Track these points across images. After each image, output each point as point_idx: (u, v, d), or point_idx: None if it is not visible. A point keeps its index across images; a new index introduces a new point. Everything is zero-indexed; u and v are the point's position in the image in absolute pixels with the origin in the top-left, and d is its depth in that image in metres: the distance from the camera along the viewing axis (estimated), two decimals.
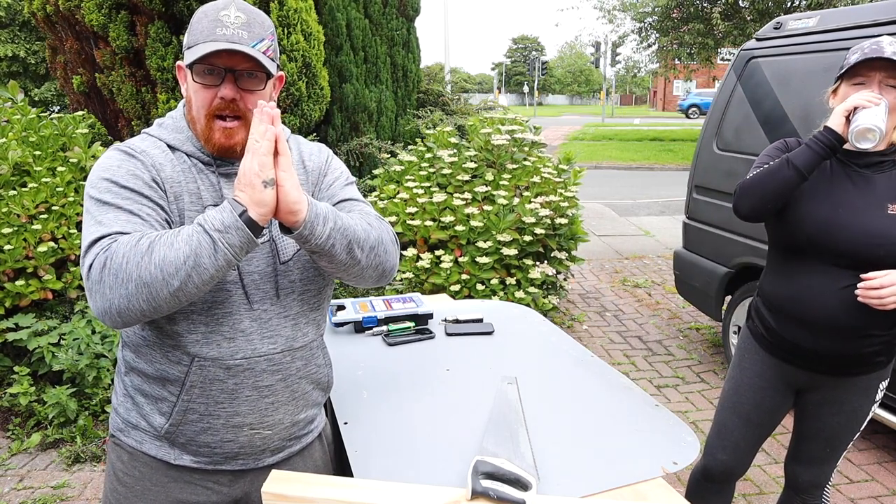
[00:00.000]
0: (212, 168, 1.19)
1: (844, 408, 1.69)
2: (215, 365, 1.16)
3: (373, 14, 6.42)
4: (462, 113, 7.33)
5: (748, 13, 12.90)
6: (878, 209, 1.53)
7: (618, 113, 45.33)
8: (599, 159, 15.05)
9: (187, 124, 1.20)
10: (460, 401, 1.58)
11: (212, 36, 1.09)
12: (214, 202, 1.17)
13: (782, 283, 1.68)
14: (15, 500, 2.61)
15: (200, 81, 1.12)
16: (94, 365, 3.10)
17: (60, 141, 3.55)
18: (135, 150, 1.15)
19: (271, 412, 1.23)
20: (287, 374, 1.24)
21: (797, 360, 1.71)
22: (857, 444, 3.04)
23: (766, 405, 1.80)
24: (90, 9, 4.24)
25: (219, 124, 1.14)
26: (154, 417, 1.21)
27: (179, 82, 1.22)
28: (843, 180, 1.59)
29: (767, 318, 1.74)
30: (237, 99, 1.12)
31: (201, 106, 1.14)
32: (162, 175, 1.14)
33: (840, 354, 1.63)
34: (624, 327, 4.68)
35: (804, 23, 3.32)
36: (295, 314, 1.24)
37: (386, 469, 1.30)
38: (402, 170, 4.44)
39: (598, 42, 32.54)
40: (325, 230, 1.08)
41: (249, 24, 1.12)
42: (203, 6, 1.15)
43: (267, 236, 1.21)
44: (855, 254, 1.54)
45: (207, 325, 1.15)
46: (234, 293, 1.16)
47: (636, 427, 1.46)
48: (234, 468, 1.26)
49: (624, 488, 1.24)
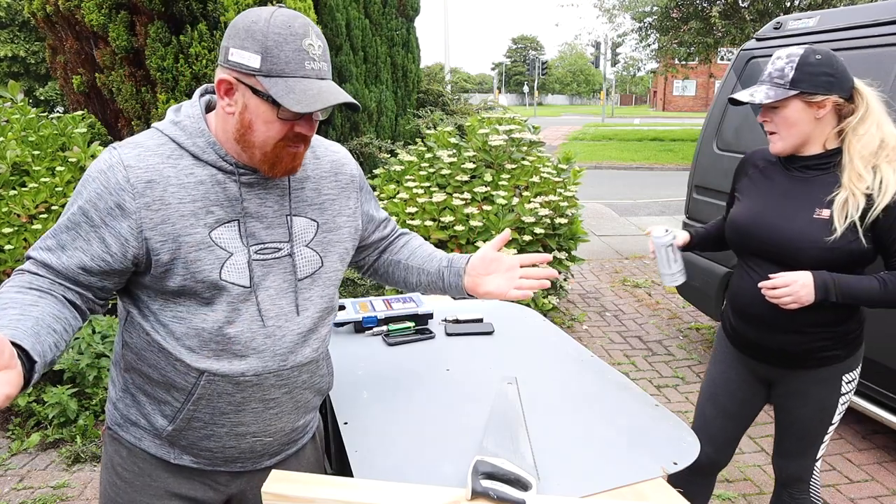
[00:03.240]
0: (234, 177, 1.12)
1: (810, 401, 1.72)
2: (225, 380, 1.14)
3: (372, 14, 6.42)
4: (462, 113, 7.33)
5: (748, 13, 12.89)
6: (805, 211, 1.57)
7: (618, 113, 45.34)
8: (599, 159, 15.05)
9: (207, 128, 1.11)
10: (460, 401, 1.58)
11: (301, 70, 1.03)
12: (230, 218, 1.11)
13: (733, 279, 1.78)
14: (15, 500, 2.61)
15: (284, 118, 1.05)
16: (94, 365, 3.10)
17: (60, 141, 3.55)
18: (122, 161, 1.06)
19: (275, 421, 1.23)
20: (293, 387, 1.23)
21: (752, 353, 1.79)
22: (856, 444, 3.04)
23: (738, 396, 1.86)
24: (90, 9, 4.24)
25: (290, 151, 1.09)
26: (156, 418, 1.19)
27: (219, 92, 1.08)
28: (782, 182, 1.65)
29: (728, 314, 1.83)
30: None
31: (274, 136, 1.07)
32: (143, 198, 1.04)
33: (781, 348, 1.69)
34: (624, 327, 4.68)
35: (804, 23, 3.32)
36: (307, 331, 1.21)
37: (386, 469, 1.30)
38: (402, 170, 4.44)
39: (597, 42, 32.54)
40: None
41: (325, 53, 1.07)
42: (276, 24, 1.02)
43: (286, 251, 1.18)
44: (776, 253, 1.60)
45: (218, 343, 1.12)
46: (245, 311, 1.13)
47: (636, 427, 1.46)
48: (232, 469, 1.26)
49: (624, 488, 1.24)
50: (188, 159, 1.10)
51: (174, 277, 1.08)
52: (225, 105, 1.09)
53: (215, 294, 1.10)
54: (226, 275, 1.10)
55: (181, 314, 1.11)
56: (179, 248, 1.07)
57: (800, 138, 1.56)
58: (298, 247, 1.19)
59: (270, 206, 1.16)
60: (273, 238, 1.16)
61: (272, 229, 1.16)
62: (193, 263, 1.08)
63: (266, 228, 1.15)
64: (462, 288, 1.42)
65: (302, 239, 1.20)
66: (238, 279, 1.12)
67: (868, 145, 1.50)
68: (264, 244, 1.15)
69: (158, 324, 1.13)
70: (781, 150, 1.60)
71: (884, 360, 2.71)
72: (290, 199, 1.18)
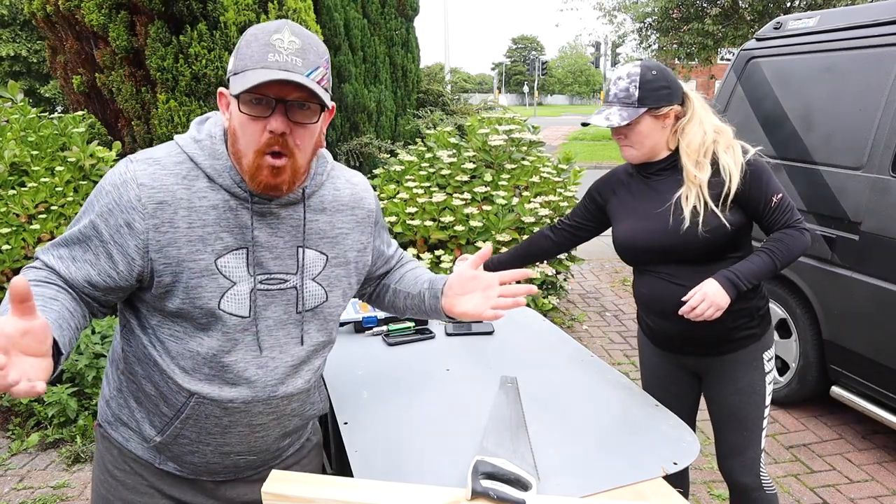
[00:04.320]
0: (246, 205, 1.09)
1: (739, 385, 1.78)
2: (214, 404, 1.14)
3: (371, 14, 6.42)
4: (462, 113, 7.33)
5: (747, 13, 12.89)
6: (672, 212, 1.69)
7: None
8: (599, 159, 15.05)
9: (227, 152, 1.09)
10: (460, 401, 1.58)
11: (263, 62, 0.99)
12: (238, 245, 1.09)
13: (640, 286, 1.84)
14: (15, 500, 2.61)
15: (248, 112, 1.01)
16: (93, 365, 3.10)
17: (60, 141, 3.55)
18: (136, 178, 1.04)
19: (259, 443, 1.23)
20: (281, 415, 1.22)
21: (678, 348, 1.85)
22: (856, 444, 3.05)
23: (673, 391, 1.91)
24: (90, 9, 4.24)
25: (268, 161, 1.03)
26: (145, 426, 1.19)
27: (220, 110, 1.10)
28: (644, 191, 1.78)
29: (645, 318, 1.89)
30: (287, 133, 1.02)
31: (250, 141, 1.03)
32: (152, 220, 1.03)
33: (704, 336, 1.76)
34: (624, 327, 4.67)
35: (804, 23, 3.32)
36: (300, 362, 1.20)
37: (386, 469, 1.30)
38: (401, 170, 4.44)
39: (598, 42, 32.55)
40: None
41: (304, 50, 1.02)
42: (253, 28, 1.04)
43: (292, 283, 1.15)
44: (668, 255, 1.71)
45: (212, 368, 1.12)
46: (241, 341, 1.12)
47: (636, 427, 1.46)
48: (215, 479, 1.26)
49: (624, 488, 1.24)
50: (203, 181, 1.08)
51: (173, 299, 1.07)
52: (225, 119, 1.09)
53: (212, 321, 1.10)
54: (225, 305, 1.09)
55: (178, 334, 1.11)
56: (182, 273, 1.06)
57: (652, 147, 1.71)
58: (305, 280, 1.17)
59: (281, 237, 1.14)
60: (280, 269, 1.14)
61: (281, 260, 1.14)
62: (194, 289, 1.07)
63: (275, 259, 1.13)
64: (440, 310, 1.34)
65: (309, 272, 1.18)
66: (237, 310, 1.10)
67: (692, 142, 1.67)
68: (271, 274, 1.13)
69: (156, 339, 1.13)
70: (637, 158, 1.74)
71: (884, 360, 2.71)
72: (304, 230, 1.16)
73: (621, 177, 1.88)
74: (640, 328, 1.98)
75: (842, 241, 2.91)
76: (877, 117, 2.79)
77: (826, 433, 3.15)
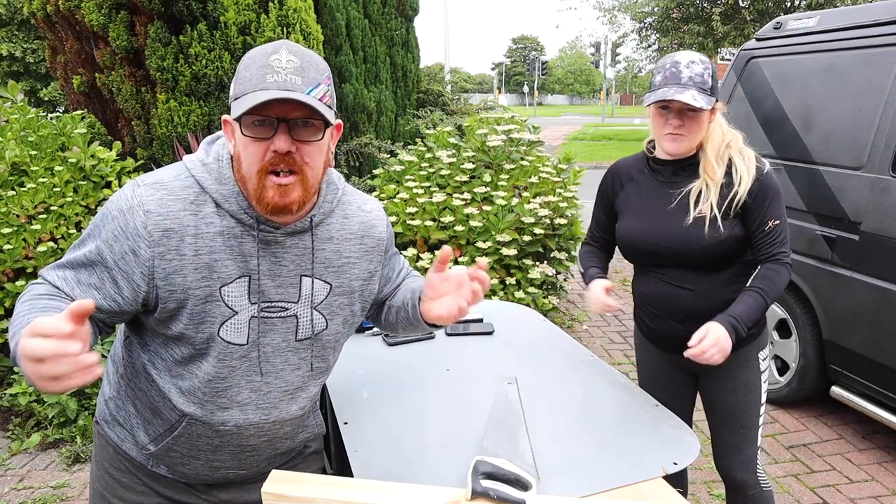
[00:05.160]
0: (252, 232, 1.08)
1: (737, 383, 1.78)
2: (205, 426, 1.15)
3: (372, 14, 6.42)
4: (462, 113, 7.33)
5: (748, 13, 12.89)
6: (685, 213, 1.67)
7: (618, 113, 45.35)
8: (599, 159, 15.05)
9: (234, 178, 1.08)
10: (460, 401, 1.58)
11: (261, 84, 0.98)
12: (242, 273, 1.08)
13: (640, 286, 1.84)
14: (15, 500, 2.61)
15: (250, 135, 1.00)
16: None
17: (59, 141, 3.54)
18: (143, 204, 1.03)
19: (250, 461, 1.24)
20: (273, 437, 1.23)
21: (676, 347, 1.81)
22: (856, 444, 3.05)
23: (669, 391, 1.91)
24: (90, 9, 4.24)
25: (272, 180, 1.01)
26: (139, 432, 1.20)
27: (226, 137, 1.10)
28: (655, 190, 1.75)
29: (643, 317, 1.89)
30: (292, 151, 1.00)
31: (253, 161, 1.01)
32: (158, 248, 1.03)
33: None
34: (624, 327, 4.67)
35: (804, 23, 3.32)
36: (295, 389, 1.20)
37: (386, 469, 1.30)
38: (402, 170, 4.44)
39: (598, 42, 32.56)
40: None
41: (303, 68, 1.01)
42: (251, 51, 1.04)
43: (292, 311, 1.14)
44: (673, 257, 1.70)
45: (205, 393, 1.13)
46: (238, 367, 1.12)
47: (636, 427, 1.46)
48: (207, 483, 1.27)
49: (624, 488, 1.24)
50: (210, 206, 1.07)
51: (177, 324, 1.08)
52: (231, 146, 1.08)
53: (210, 347, 1.10)
54: (224, 333, 1.09)
55: (177, 356, 1.12)
56: (188, 300, 1.06)
57: (698, 141, 1.67)
58: (306, 308, 1.15)
59: (286, 266, 1.13)
60: (282, 297, 1.13)
61: (283, 288, 1.13)
62: (198, 315, 1.07)
63: (277, 287, 1.12)
64: (420, 317, 1.27)
65: (311, 300, 1.16)
66: (235, 338, 1.10)
67: (716, 140, 1.66)
68: (272, 303, 1.12)
69: (157, 357, 1.13)
70: (684, 151, 1.68)
71: (884, 360, 2.71)
72: (313, 259, 1.15)
73: (631, 172, 1.84)
74: (637, 326, 1.98)
75: (842, 241, 2.91)
76: (877, 117, 2.79)
77: (826, 433, 3.15)
